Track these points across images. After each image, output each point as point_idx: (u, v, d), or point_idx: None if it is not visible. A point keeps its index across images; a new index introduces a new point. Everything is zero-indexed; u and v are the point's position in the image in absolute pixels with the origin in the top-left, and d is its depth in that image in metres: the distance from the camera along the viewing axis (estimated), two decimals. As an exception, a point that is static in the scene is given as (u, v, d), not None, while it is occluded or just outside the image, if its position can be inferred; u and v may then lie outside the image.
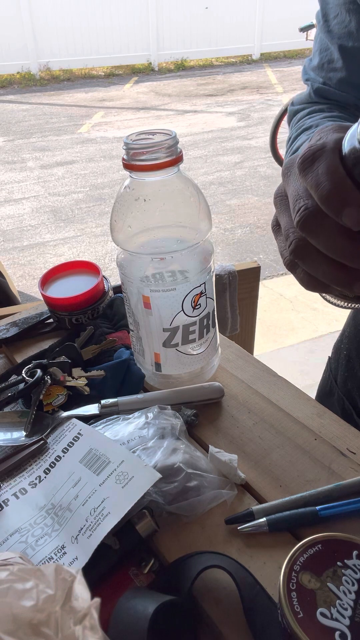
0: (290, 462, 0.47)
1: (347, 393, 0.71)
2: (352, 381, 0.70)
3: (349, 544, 0.35)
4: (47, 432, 0.49)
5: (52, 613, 0.24)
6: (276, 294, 2.75)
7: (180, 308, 0.50)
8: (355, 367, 0.69)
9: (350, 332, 0.72)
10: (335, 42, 0.57)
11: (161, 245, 0.48)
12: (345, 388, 0.71)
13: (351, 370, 0.70)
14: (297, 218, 0.28)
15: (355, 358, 0.69)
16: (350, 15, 0.55)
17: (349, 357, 0.71)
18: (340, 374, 0.73)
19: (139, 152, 0.45)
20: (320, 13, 0.59)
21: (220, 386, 0.55)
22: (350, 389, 0.70)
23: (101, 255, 3.18)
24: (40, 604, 0.24)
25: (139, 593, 0.35)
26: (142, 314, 0.52)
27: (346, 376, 0.71)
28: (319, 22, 0.59)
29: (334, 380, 0.74)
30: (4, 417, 0.53)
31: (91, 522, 0.39)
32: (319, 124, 0.57)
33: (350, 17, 0.55)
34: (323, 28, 0.59)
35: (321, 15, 0.59)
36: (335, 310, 2.59)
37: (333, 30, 0.57)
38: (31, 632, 0.23)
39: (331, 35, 0.57)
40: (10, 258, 3.18)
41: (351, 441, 0.49)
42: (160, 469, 0.43)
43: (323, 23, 0.58)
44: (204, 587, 0.38)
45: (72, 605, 0.25)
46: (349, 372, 0.71)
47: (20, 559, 0.31)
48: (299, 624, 0.31)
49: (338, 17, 0.56)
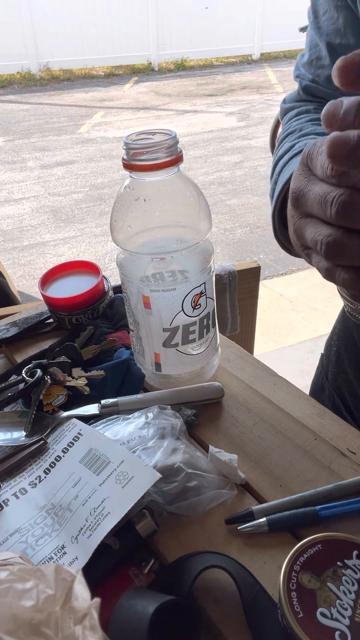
0: (290, 462, 0.47)
1: (337, 389, 0.72)
2: (341, 377, 0.71)
3: (349, 544, 0.36)
4: (47, 432, 0.49)
5: (52, 613, 0.24)
6: (276, 294, 2.75)
7: (180, 308, 0.50)
8: (344, 363, 0.70)
9: (339, 329, 0.73)
10: (324, 39, 0.57)
11: (161, 245, 0.48)
12: (335, 384, 0.72)
13: (340, 367, 0.71)
14: (334, 208, 0.27)
15: (344, 354, 0.70)
16: (338, 12, 0.55)
17: (339, 353, 0.71)
18: (331, 370, 0.73)
19: (139, 152, 0.45)
20: (311, 9, 0.59)
21: (221, 386, 0.55)
22: (340, 385, 0.71)
23: (101, 255, 3.18)
24: (41, 604, 0.24)
25: (139, 593, 0.34)
26: (142, 314, 0.52)
27: (336, 372, 0.72)
28: (310, 17, 0.60)
29: (325, 377, 0.75)
30: (4, 417, 0.53)
31: (91, 522, 0.39)
32: (303, 127, 0.57)
33: (338, 14, 0.55)
34: (313, 24, 0.59)
35: (312, 12, 0.59)
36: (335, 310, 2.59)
37: (322, 27, 0.57)
38: (31, 632, 0.23)
39: (320, 32, 0.58)
40: (10, 258, 3.18)
41: (351, 441, 0.49)
42: (160, 469, 0.43)
43: (313, 19, 0.59)
44: (204, 587, 0.38)
45: (72, 605, 0.25)
46: (338, 368, 0.72)
47: (20, 559, 0.31)
48: (299, 624, 0.31)
49: (327, 14, 0.56)
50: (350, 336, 0.69)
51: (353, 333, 0.68)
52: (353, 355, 0.69)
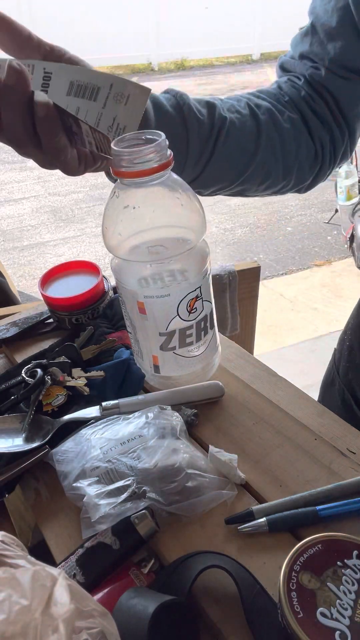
0: (290, 462, 0.47)
1: (347, 383, 0.72)
2: (353, 372, 0.71)
3: (349, 544, 0.36)
4: (48, 438, 0.49)
5: (30, 622, 0.23)
6: (276, 294, 2.75)
7: (175, 313, 0.50)
8: (356, 358, 0.70)
9: (354, 323, 0.73)
10: (312, 18, 0.59)
11: (153, 251, 0.47)
12: (346, 378, 0.72)
13: (352, 362, 0.71)
14: None
15: (357, 349, 0.70)
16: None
17: (352, 348, 0.71)
18: (342, 365, 0.73)
19: (127, 159, 0.43)
20: None
21: (221, 385, 0.55)
22: (351, 380, 0.71)
23: (101, 255, 3.18)
24: (13, 616, 0.23)
25: (139, 593, 0.34)
26: (137, 318, 0.51)
27: (347, 367, 0.72)
28: None
29: (337, 371, 0.75)
30: (4, 422, 0.52)
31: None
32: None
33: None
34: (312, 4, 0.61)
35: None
36: (335, 310, 2.59)
37: (316, 7, 0.60)
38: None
39: (314, 13, 0.60)
40: (10, 258, 3.18)
41: (351, 441, 0.49)
42: (160, 469, 0.43)
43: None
44: (204, 587, 0.38)
45: (51, 612, 0.24)
46: (350, 363, 0.71)
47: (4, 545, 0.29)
48: (299, 624, 0.31)
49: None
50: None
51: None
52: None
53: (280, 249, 3.25)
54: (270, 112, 0.60)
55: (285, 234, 3.48)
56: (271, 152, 0.60)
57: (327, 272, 3.00)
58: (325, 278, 2.93)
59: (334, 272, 2.95)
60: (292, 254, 3.20)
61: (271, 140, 0.59)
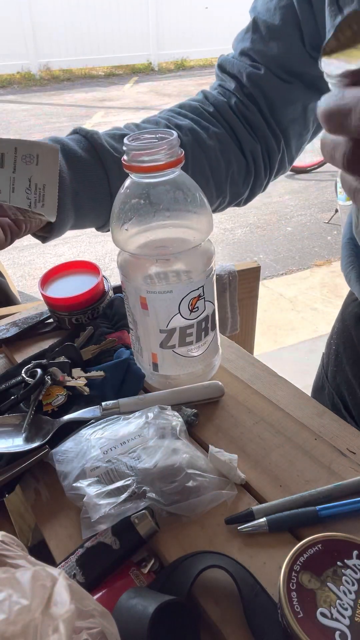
0: (290, 462, 0.47)
1: (336, 387, 0.72)
2: (340, 376, 0.71)
3: (349, 544, 0.36)
4: (48, 438, 0.49)
5: (30, 622, 0.23)
6: (276, 294, 2.75)
7: (177, 310, 0.50)
8: (342, 362, 0.70)
9: (338, 327, 0.73)
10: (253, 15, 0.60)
11: (160, 247, 0.48)
12: (334, 382, 0.72)
13: (339, 365, 0.71)
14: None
15: (343, 353, 0.70)
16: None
17: (337, 352, 0.72)
18: (330, 369, 0.74)
19: (139, 154, 0.44)
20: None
21: (221, 385, 0.55)
22: (339, 384, 0.71)
23: (101, 255, 3.18)
24: (13, 616, 0.23)
25: (139, 593, 0.34)
26: (139, 314, 0.52)
27: (335, 371, 0.72)
28: None
29: (325, 376, 0.75)
30: (4, 422, 0.52)
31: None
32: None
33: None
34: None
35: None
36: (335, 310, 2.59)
37: (257, 6, 0.59)
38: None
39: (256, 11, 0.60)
40: (10, 258, 3.18)
41: (351, 441, 0.49)
42: (160, 469, 0.43)
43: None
44: (204, 587, 0.38)
45: (51, 612, 0.24)
46: (337, 367, 0.72)
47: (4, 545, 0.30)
48: (299, 624, 0.31)
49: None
50: (348, 335, 0.69)
51: (351, 331, 0.69)
52: (351, 354, 0.69)
53: (280, 249, 3.25)
54: (193, 131, 0.58)
55: (285, 234, 3.49)
56: (199, 173, 0.58)
57: (327, 272, 3.00)
58: (325, 278, 2.93)
59: (334, 272, 2.95)
60: (292, 254, 3.20)
61: (198, 160, 0.57)
